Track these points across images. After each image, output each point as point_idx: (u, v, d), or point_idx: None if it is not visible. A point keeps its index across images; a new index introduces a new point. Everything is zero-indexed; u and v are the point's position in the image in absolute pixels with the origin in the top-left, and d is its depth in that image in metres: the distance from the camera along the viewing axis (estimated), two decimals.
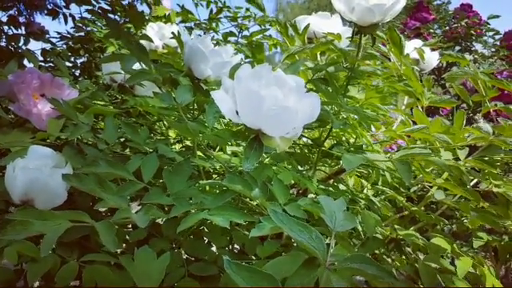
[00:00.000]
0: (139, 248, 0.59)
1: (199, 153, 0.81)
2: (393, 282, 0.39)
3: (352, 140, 1.00)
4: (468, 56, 2.47)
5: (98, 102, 0.92)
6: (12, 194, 0.62)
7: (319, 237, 0.41)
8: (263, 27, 1.45)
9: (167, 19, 1.54)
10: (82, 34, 1.61)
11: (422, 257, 0.80)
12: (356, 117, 0.82)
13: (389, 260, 0.86)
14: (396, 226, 0.86)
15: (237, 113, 0.53)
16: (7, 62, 0.83)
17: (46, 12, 1.65)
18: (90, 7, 1.57)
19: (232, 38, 1.54)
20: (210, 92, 0.64)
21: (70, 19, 1.66)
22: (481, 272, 0.78)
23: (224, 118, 0.86)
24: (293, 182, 0.79)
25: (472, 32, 2.54)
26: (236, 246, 0.78)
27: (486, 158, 0.77)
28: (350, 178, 1.00)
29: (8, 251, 0.58)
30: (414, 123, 0.88)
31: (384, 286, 0.40)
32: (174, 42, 0.99)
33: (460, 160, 0.77)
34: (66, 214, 0.50)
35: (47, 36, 1.55)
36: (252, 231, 0.49)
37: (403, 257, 0.85)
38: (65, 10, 1.66)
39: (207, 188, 0.75)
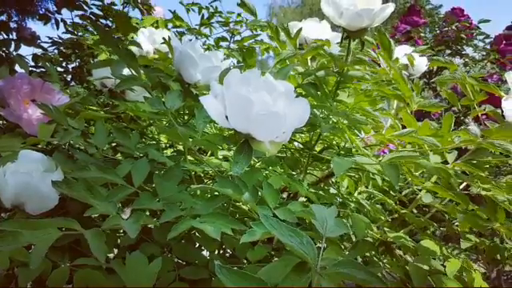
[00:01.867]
0: (131, 253, 0.59)
1: (190, 157, 0.81)
2: (381, 286, 0.39)
3: (342, 144, 1.00)
4: (458, 60, 2.49)
5: (90, 107, 0.92)
6: (3, 199, 0.62)
7: (310, 242, 0.41)
8: (255, 32, 1.45)
9: (157, 26, 1.54)
10: (74, 38, 1.60)
11: (412, 259, 0.80)
12: (345, 121, 0.83)
13: (380, 263, 0.86)
14: (386, 229, 0.86)
15: (226, 118, 0.53)
16: None
17: (37, 17, 1.65)
18: (81, 12, 1.56)
19: (224, 43, 1.55)
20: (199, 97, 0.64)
21: (61, 24, 1.66)
22: (469, 275, 0.79)
23: (216, 122, 0.87)
24: (284, 185, 0.79)
25: (462, 35, 2.55)
26: (227, 249, 0.78)
27: (475, 162, 0.77)
28: (343, 180, 1.01)
29: None
30: (404, 127, 0.88)
31: None
32: (165, 47, 0.99)
33: (449, 163, 0.78)
34: (55, 221, 0.49)
35: (38, 41, 1.54)
36: (243, 237, 0.49)
37: (394, 259, 0.86)
38: (56, 15, 1.65)
39: (198, 192, 0.75)
